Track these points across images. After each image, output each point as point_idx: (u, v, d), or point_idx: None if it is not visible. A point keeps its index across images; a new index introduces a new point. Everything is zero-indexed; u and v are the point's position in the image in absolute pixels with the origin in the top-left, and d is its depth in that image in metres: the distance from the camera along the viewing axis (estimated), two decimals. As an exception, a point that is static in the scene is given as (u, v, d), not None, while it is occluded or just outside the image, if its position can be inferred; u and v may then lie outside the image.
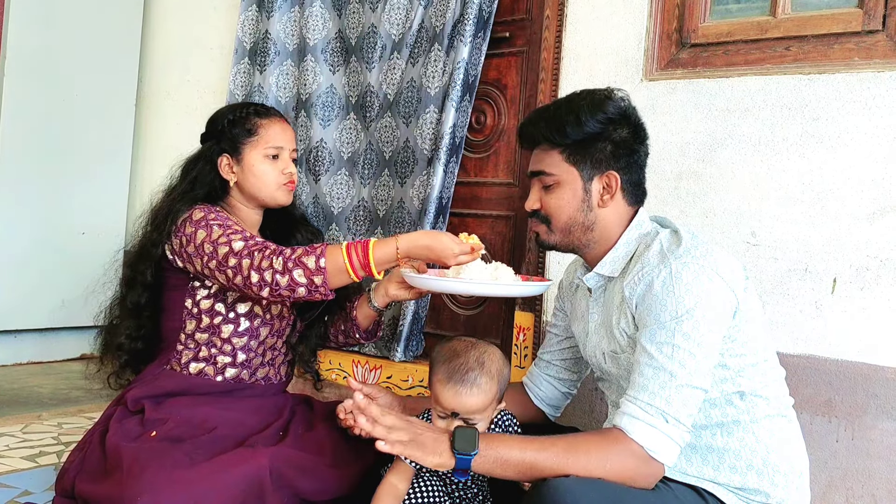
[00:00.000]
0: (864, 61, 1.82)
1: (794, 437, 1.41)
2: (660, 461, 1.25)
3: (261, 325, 1.75)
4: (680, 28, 2.08)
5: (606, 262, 1.46)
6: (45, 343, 3.38)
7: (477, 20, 2.38)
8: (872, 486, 1.76)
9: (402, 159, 2.55)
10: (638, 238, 1.45)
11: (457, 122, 2.42)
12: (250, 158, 1.76)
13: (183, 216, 1.70)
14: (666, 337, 1.28)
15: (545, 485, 1.20)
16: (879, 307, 1.78)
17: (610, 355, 1.45)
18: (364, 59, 2.66)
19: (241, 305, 1.72)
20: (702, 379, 1.28)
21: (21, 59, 3.15)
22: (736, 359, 1.35)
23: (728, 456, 1.36)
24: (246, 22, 2.94)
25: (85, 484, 1.55)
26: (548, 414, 1.74)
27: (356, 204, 2.69)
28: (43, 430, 2.39)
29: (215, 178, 1.78)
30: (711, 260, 1.32)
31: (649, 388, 1.27)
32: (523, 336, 2.32)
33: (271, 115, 1.82)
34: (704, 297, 1.28)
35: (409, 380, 2.49)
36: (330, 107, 2.74)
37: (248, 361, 1.75)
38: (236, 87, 2.94)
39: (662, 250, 1.36)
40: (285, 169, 1.78)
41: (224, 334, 1.71)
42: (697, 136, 2.03)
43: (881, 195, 1.79)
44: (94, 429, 1.69)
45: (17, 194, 3.17)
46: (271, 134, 1.78)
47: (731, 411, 1.36)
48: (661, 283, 1.31)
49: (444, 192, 2.46)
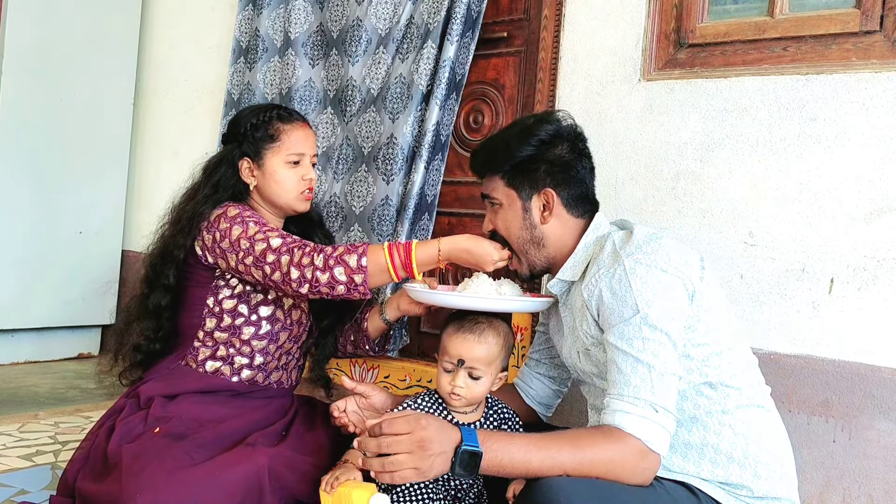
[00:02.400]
0: (861, 62, 1.82)
1: (774, 427, 1.42)
2: (657, 452, 1.26)
3: (280, 330, 1.76)
4: (678, 28, 2.08)
5: (567, 267, 1.52)
6: (42, 342, 3.38)
7: (465, 19, 2.37)
8: (869, 486, 1.76)
9: (386, 156, 2.50)
10: (595, 241, 1.51)
11: (441, 119, 2.41)
12: (272, 164, 1.76)
13: (217, 212, 1.70)
14: (634, 332, 1.31)
15: (540, 484, 1.21)
16: (876, 307, 1.78)
17: (583, 353, 1.48)
18: (346, 53, 2.64)
19: (264, 308, 1.73)
20: (675, 366, 1.31)
21: (18, 58, 3.15)
22: (698, 348, 1.37)
23: (707, 451, 1.36)
24: (242, 21, 2.94)
25: (86, 482, 1.55)
26: (539, 413, 1.75)
27: (327, 200, 2.64)
28: (40, 430, 2.39)
29: (238, 182, 1.78)
30: (663, 253, 1.36)
31: (632, 382, 1.29)
32: (521, 336, 2.32)
33: (294, 119, 1.81)
34: (660, 289, 1.33)
35: (406, 379, 2.49)
36: (307, 101, 2.73)
37: (264, 364, 1.75)
38: (233, 87, 2.94)
39: (615, 250, 1.41)
40: (305, 175, 1.79)
41: (244, 336, 1.72)
42: (695, 136, 2.03)
43: (878, 195, 1.79)
44: (103, 422, 1.68)
45: (14, 193, 3.17)
46: (293, 140, 1.78)
47: (702, 402, 1.38)
48: (618, 281, 1.35)
49: (429, 190, 2.46)
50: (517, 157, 1.52)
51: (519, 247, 1.56)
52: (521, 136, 1.53)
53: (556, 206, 1.52)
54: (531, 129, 1.53)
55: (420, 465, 1.24)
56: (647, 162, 2.10)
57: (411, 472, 1.24)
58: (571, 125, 1.56)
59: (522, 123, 1.58)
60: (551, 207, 1.52)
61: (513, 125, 1.61)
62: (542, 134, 1.52)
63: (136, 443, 1.53)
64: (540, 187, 1.52)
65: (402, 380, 2.50)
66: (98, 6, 3.40)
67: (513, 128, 1.59)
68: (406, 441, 1.25)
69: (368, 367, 2.59)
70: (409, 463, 1.24)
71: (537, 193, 1.52)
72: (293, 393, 1.90)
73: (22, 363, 3.33)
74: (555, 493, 1.18)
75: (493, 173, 1.56)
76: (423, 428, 1.25)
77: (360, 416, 1.63)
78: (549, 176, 1.52)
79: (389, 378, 2.54)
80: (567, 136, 1.54)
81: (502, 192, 1.55)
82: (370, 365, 2.59)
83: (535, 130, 1.52)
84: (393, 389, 2.51)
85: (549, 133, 1.52)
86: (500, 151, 1.54)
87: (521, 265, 1.59)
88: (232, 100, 2.93)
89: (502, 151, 1.54)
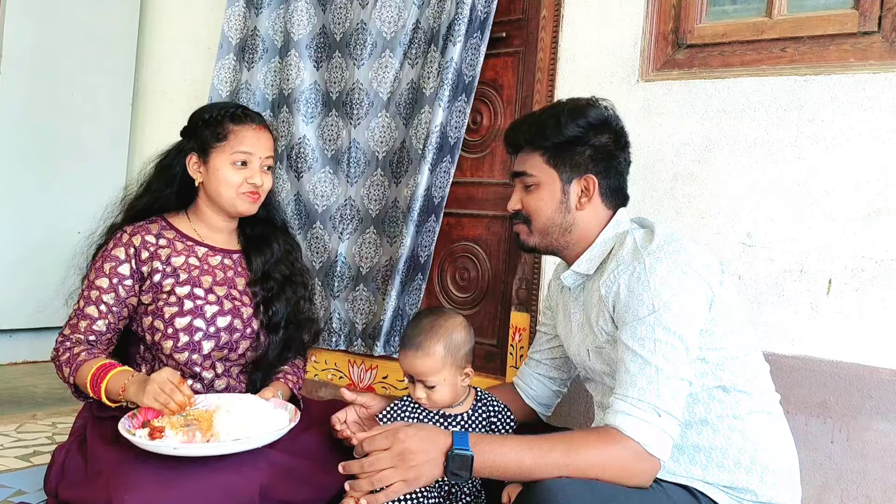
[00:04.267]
0: (859, 62, 1.82)
1: (782, 434, 1.41)
2: (656, 456, 1.25)
3: (203, 339, 1.71)
4: (676, 29, 2.08)
5: (583, 260, 1.49)
6: (40, 342, 3.37)
7: (470, 20, 2.37)
8: (867, 488, 1.76)
9: (399, 159, 2.54)
10: (614, 237, 1.48)
11: (445, 121, 2.41)
12: (216, 163, 1.74)
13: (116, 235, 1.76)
14: (646, 332, 1.29)
15: (539, 486, 1.20)
16: (875, 308, 1.78)
17: (594, 351, 1.46)
18: (351, 56, 2.64)
19: (180, 320, 1.70)
20: (686, 370, 1.29)
21: (17, 58, 3.15)
22: (714, 352, 1.36)
23: (715, 454, 1.36)
24: (232, 17, 2.90)
25: (68, 491, 1.55)
26: (539, 413, 1.75)
27: (342, 202, 2.66)
28: (37, 430, 2.39)
29: (187, 176, 1.78)
30: (685, 254, 1.34)
31: (637, 383, 1.28)
32: (519, 336, 2.32)
33: (247, 121, 1.77)
34: (680, 291, 1.30)
35: (405, 380, 2.48)
36: (313, 103, 2.73)
37: (198, 375, 1.73)
38: (220, 83, 2.90)
39: (636, 247, 1.39)
40: (250, 178, 1.74)
41: (166, 350, 1.70)
42: (693, 137, 2.03)
43: (877, 196, 1.79)
44: (71, 438, 1.70)
45: (13, 193, 3.17)
46: (241, 140, 1.74)
47: (714, 406, 1.37)
48: (637, 279, 1.33)
49: (436, 192, 2.46)
50: (566, 134, 1.46)
51: (544, 228, 1.50)
52: (572, 114, 1.47)
53: (594, 194, 1.48)
54: (583, 111, 1.48)
55: (406, 476, 1.27)
56: (645, 163, 2.09)
57: (400, 485, 1.27)
58: (616, 116, 1.52)
59: (574, 103, 1.51)
60: (591, 194, 1.48)
61: (561, 103, 1.53)
62: (591, 118, 1.47)
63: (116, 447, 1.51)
64: (582, 172, 1.47)
65: (400, 380, 2.50)
66: (97, 6, 3.40)
67: (562, 105, 1.51)
68: (387, 457, 1.28)
69: (367, 368, 2.59)
70: (395, 476, 1.27)
71: (578, 178, 1.48)
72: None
73: (20, 363, 3.33)
74: (553, 494, 1.18)
75: (534, 148, 1.50)
76: (402, 441, 1.28)
77: (362, 426, 1.62)
78: (592, 162, 1.47)
79: (388, 378, 2.54)
80: (613, 126, 1.50)
81: (542, 170, 1.49)
82: (368, 365, 2.59)
83: (586, 112, 1.47)
84: (391, 390, 2.51)
85: (599, 119, 1.48)
86: (550, 126, 1.47)
87: (530, 237, 1.53)
88: (219, 96, 2.90)
89: (552, 126, 1.47)
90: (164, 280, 1.72)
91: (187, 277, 1.74)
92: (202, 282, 1.75)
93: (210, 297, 1.74)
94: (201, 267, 1.77)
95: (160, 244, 1.76)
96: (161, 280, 1.72)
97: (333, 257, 2.64)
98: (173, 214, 1.83)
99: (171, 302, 1.70)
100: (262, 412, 1.54)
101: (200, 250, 1.80)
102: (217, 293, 1.75)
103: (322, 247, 2.67)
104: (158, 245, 1.75)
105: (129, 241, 1.74)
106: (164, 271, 1.73)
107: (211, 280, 1.77)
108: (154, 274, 1.72)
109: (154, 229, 1.77)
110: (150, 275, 1.72)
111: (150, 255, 1.73)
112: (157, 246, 1.75)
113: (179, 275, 1.73)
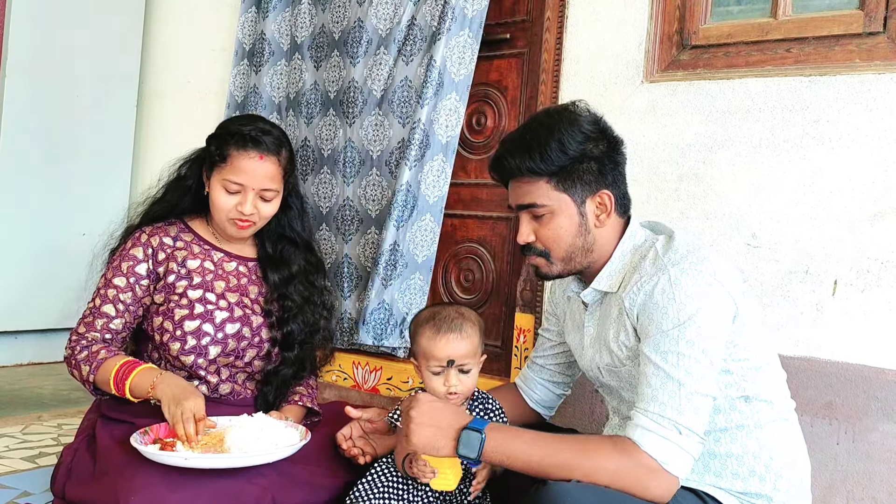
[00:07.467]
0: (864, 63, 1.81)
1: (797, 441, 1.40)
2: (673, 474, 1.23)
3: (210, 344, 1.71)
4: (681, 30, 2.08)
5: (603, 277, 1.42)
6: (45, 344, 3.38)
7: (457, 18, 2.36)
8: (873, 489, 1.76)
9: (397, 159, 2.52)
10: (632, 249, 1.42)
11: (430, 118, 2.40)
12: (213, 182, 1.74)
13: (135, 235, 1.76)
14: (670, 345, 1.26)
15: (545, 488, 1.20)
16: (880, 309, 1.77)
17: (607, 369, 1.43)
18: (348, 54, 2.63)
19: (189, 323, 1.70)
20: (710, 386, 1.26)
21: (22, 61, 3.15)
22: (739, 363, 1.34)
23: (731, 462, 1.35)
24: (245, 23, 2.94)
25: (76, 489, 1.56)
26: (542, 415, 1.74)
27: (341, 203, 2.64)
28: (43, 431, 2.39)
29: (202, 185, 1.79)
30: (709, 265, 1.30)
31: (659, 398, 1.25)
32: (524, 338, 2.32)
33: (249, 148, 1.70)
34: (705, 303, 1.27)
35: (409, 381, 2.48)
36: (313, 104, 2.72)
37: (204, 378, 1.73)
38: (236, 89, 2.93)
39: (658, 258, 1.34)
40: (240, 206, 1.70)
41: (172, 352, 1.69)
42: (698, 137, 2.03)
43: (882, 197, 1.78)
44: (78, 438, 1.70)
45: (18, 195, 3.17)
46: (236, 168, 1.69)
47: (735, 416, 1.35)
48: (661, 291, 1.29)
49: (429, 191, 2.44)
50: (570, 155, 1.36)
51: (567, 255, 1.41)
52: (571, 131, 1.37)
53: (612, 209, 1.41)
54: (577, 124, 1.38)
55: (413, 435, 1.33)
56: (649, 164, 2.09)
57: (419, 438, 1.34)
58: (597, 115, 1.43)
59: (565, 117, 1.39)
60: (609, 210, 1.40)
61: (550, 119, 1.41)
62: (586, 129, 1.38)
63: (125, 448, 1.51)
64: (594, 189, 1.39)
65: (404, 381, 2.50)
66: (101, 8, 3.41)
67: (555, 122, 1.39)
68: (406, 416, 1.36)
69: (371, 369, 2.59)
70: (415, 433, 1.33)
71: (591, 195, 1.39)
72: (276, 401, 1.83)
73: (25, 365, 3.34)
74: (561, 497, 1.17)
75: (537, 176, 1.38)
76: (413, 408, 1.35)
77: (367, 441, 1.61)
78: (601, 175, 1.39)
79: (392, 380, 2.54)
80: (603, 128, 1.42)
81: (553, 198, 1.38)
82: (373, 367, 2.59)
83: (580, 125, 1.38)
84: (395, 391, 2.51)
85: (593, 127, 1.39)
86: (555, 150, 1.35)
87: (552, 268, 1.43)
88: (235, 102, 2.93)
89: (557, 150, 1.36)
90: (178, 282, 1.73)
91: (200, 281, 1.74)
92: (215, 287, 1.75)
93: (221, 303, 1.74)
94: (216, 272, 1.78)
95: (177, 246, 1.76)
96: (175, 281, 1.73)
97: (340, 259, 2.64)
98: (192, 217, 1.84)
99: (182, 304, 1.71)
100: (274, 430, 1.55)
101: (217, 255, 1.80)
102: (228, 299, 1.76)
103: (329, 248, 2.67)
104: (175, 247, 1.76)
105: (148, 241, 1.75)
106: (179, 273, 1.73)
107: (224, 285, 1.77)
108: (168, 275, 1.73)
109: (172, 231, 1.78)
110: (164, 275, 1.73)
111: (166, 257, 1.74)
112: (174, 248, 1.76)
113: (193, 278, 1.74)
